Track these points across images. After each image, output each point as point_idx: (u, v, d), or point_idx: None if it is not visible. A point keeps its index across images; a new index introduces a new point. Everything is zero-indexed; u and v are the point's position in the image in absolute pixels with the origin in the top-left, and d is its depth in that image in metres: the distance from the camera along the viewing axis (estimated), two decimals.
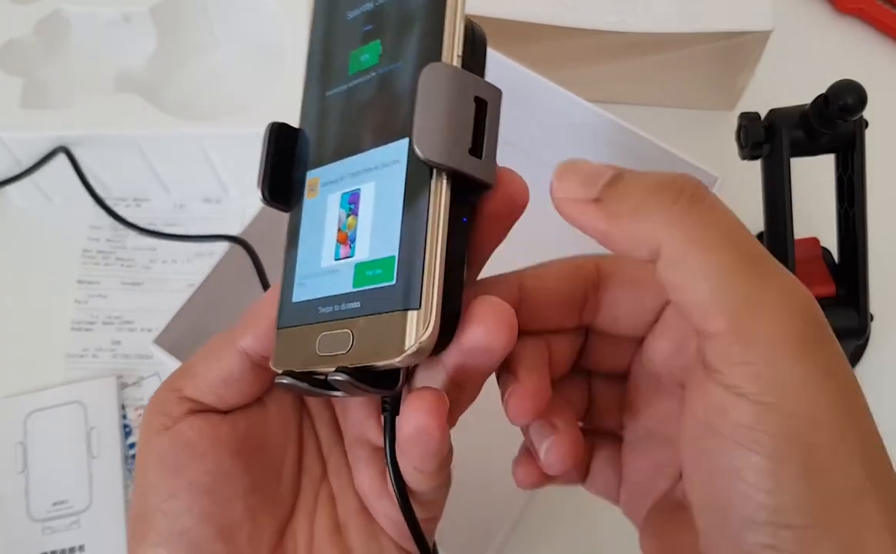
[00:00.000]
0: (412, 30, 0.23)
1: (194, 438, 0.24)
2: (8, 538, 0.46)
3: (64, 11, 0.55)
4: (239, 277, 0.47)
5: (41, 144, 0.51)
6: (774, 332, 0.19)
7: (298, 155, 0.26)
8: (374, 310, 0.22)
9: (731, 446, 0.19)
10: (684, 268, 0.20)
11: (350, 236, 0.23)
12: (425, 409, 0.22)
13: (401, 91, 0.23)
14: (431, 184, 0.21)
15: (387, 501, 0.26)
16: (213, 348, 0.26)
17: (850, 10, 0.61)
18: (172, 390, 0.25)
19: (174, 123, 0.50)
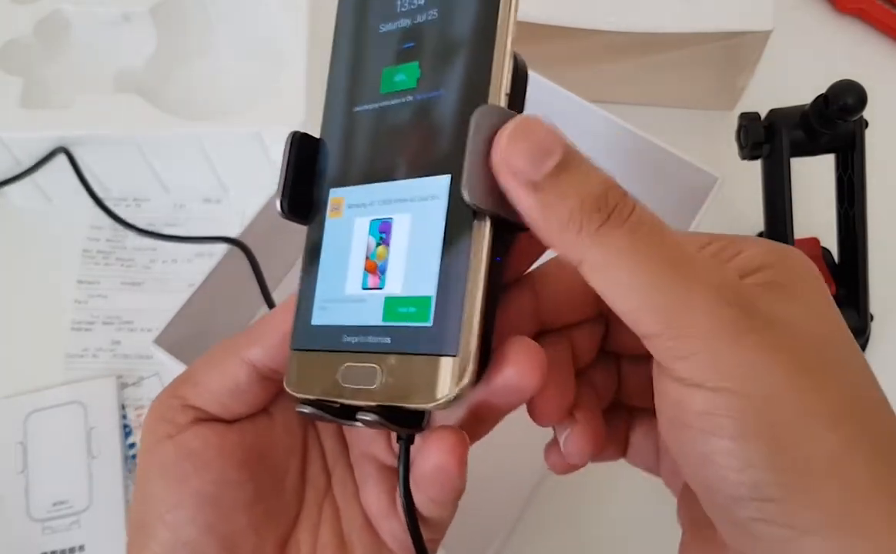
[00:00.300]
0: (456, 57, 0.22)
1: (200, 447, 0.24)
2: (8, 538, 0.46)
3: (64, 11, 0.55)
4: (239, 278, 0.47)
5: (41, 144, 0.51)
6: (707, 324, 0.20)
7: (319, 169, 0.25)
8: (406, 349, 0.21)
9: (698, 435, 0.20)
10: (607, 283, 0.20)
11: (380, 267, 0.22)
12: (446, 449, 0.22)
13: (443, 122, 0.22)
14: (474, 226, 0.21)
15: (394, 521, 0.26)
16: (218, 357, 0.25)
17: (850, 10, 0.61)
18: (175, 397, 0.25)
19: (174, 123, 0.50)
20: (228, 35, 0.59)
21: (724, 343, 0.20)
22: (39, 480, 0.48)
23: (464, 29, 0.22)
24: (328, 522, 0.27)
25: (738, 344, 0.20)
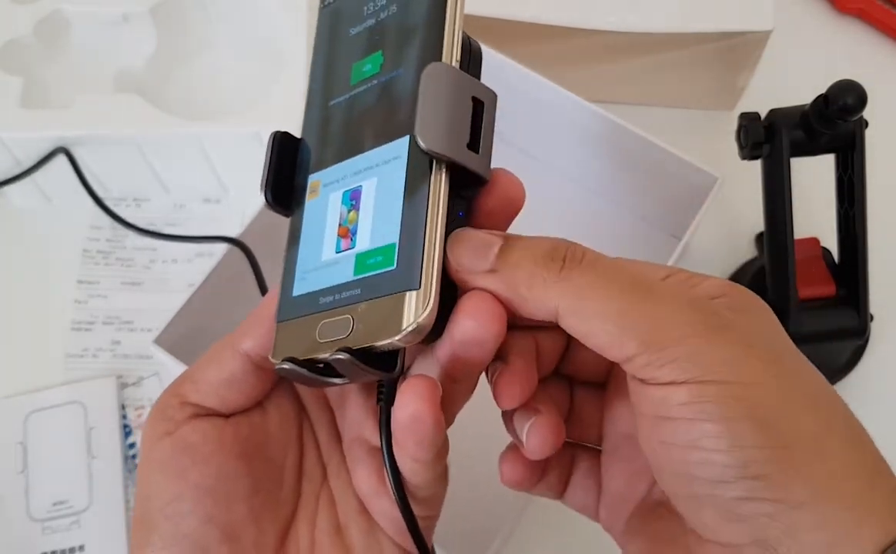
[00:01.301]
0: (413, 41, 0.25)
1: (198, 440, 0.25)
2: (8, 538, 0.46)
3: (64, 11, 0.55)
4: (239, 278, 0.47)
5: (41, 144, 0.51)
6: (679, 332, 0.21)
7: (300, 163, 0.27)
8: (374, 294, 0.23)
9: (682, 425, 0.21)
10: (584, 319, 0.22)
11: (351, 230, 0.24)
12: (419, 395, 0.22)
13: (402, 94, 0.24)
14: (431, 175, 0.23)
15: (385, 499, 0.26)
16: (214, 353, 0.26)
17: (850, 10, 0.61)
18: (174, 396, 0.26)
19: (174, 123, 0.50)
20: (228, 35, 0.59)
21: (702, 341, 0.21)
22: (39, 480, 0.48)
23: (418, 16, 0.25)
24: (325, 511, 0.27)
25: (713, 342, 0.21)
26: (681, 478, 0.22)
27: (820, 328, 0.45)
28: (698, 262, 0.53)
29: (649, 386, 0.22)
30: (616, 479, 0.28)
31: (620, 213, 0.54)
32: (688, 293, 0.23)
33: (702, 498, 0.22)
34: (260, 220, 0.47)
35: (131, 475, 0.48)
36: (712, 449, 0.21)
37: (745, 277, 0.51)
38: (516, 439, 0.26)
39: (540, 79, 0.49)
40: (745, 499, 0.20)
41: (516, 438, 0.26)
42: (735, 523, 0.21)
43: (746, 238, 0.54)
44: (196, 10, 0.57)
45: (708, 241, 0.53)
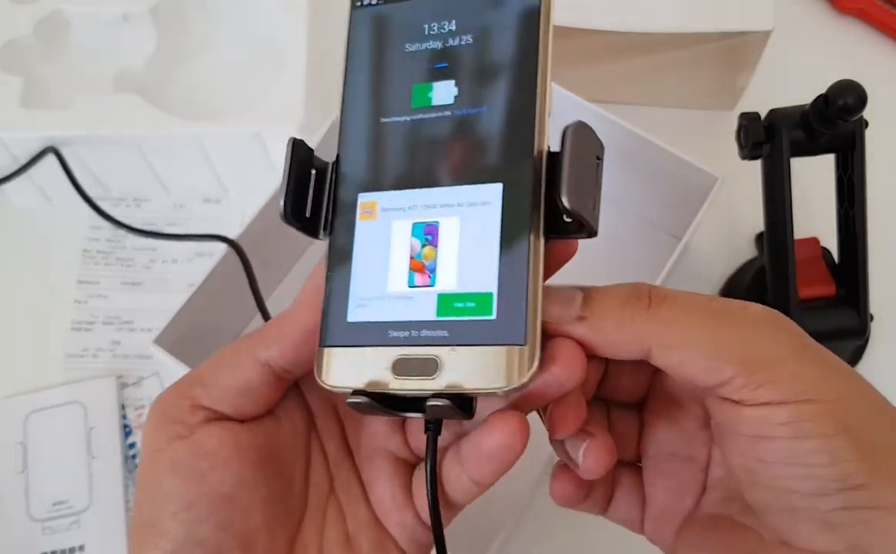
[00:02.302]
0: (498, 80, 0.25)
1: (215, 446, 0.24)
2: (8, 538, 0.46)
3: (64, 11, 0.55)
4: (239, 278, 0.47)
5: (40, 144, 0.51)
6: (772, 354, 0.23)
7: (337, 177, 0.26)
8: (468, 341, 0.23)
9: (783, 443, 0.23)
10: (676, 350, 0.23)
11: (428, 266, 0.24)
12: (512, 430, 0.24)
13: (489, 135, 0.24)
14: (532, 231, 0.23)
15: (407, 511, 0.27)
16: (229, 358, 0.26)
17: (849, 10, 0.61)
18: (185, 398, 0.25)
19: (173, 123, 0.50)
20: (228, 35, 0.59)
21: (794, 362, 0.23)
22: (39, 481, 0.48)
23: (504, 53, 0.25)
24: (333, 523, 0.27)
25: (803, 362, 0.23)
26: (779, 492, 0.24)
27: (820, 328, 0.45)
28: (698, 262, 0.53)
29: (745, 407, 0.23)
30: (661, 494, 0.29)
31: (621, 213, 0.54)
32: (769, 318, 0.24)
33: (800, 511, 0.23)
34: (259, 221, 0.47)
35: (131, 475, 0.48)
36: (814, 464, 0.22)
37: (745, 277, 0.51)
38: (569, 461, 0.27)
39: None
40: (843, 509, 0.22)
41: (569, 460, 0.27)
42: (832, 532, 0.23)
43: (746, 238, 0.54)
44: (196, 10, 0.57)
45: (708, 242, 0.53)
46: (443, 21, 0.26)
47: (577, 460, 0.26)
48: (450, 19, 0.26)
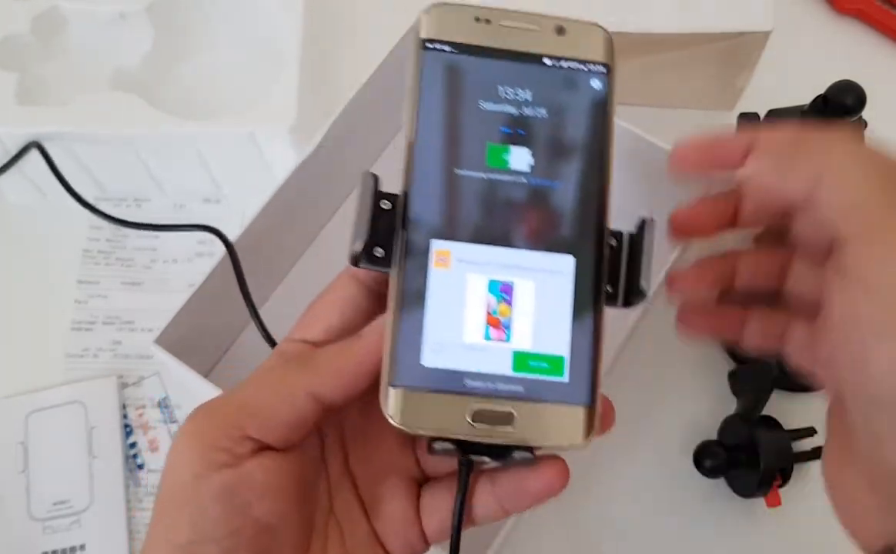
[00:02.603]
0: (572, 159, 0.28)
1: (262, 478, 0.25)
2: (8, 538, 0.46)
3: (61, 8, 0.55)
4: None
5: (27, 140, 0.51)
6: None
7: (404, 216, 0.27)
8: (541, 397, 0.26)
9: (866, 335, 0.24)
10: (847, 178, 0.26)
11: (504, 323, 0.26)
12: (558, 476, 0.26)
13: (562, 209, 0.27)
14: (599, 300, 0.27)
15: (415, 529, 0.28)
16: (279, 389, 0.26)
17: (849, 11, 0.61)
18: (233, 427, 0.25)
19: (166, 122, 0.50)
20: (226, 34, 0.59)
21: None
22: (40, 480, 0.48)
23: (577, 133, 0.28)
24: (334, 542, 0.28)
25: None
26: (855, 384, 0.25)
27: None
28: None
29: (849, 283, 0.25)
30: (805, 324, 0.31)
31: (620, 214, 0.54)
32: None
33: (866, 406, 0.25)
34: (259, 222, 0.47)
35: (132, 475, 0.48)
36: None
37: None
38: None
39: None
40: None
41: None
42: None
43: (747, 238, 0.54)
44: (193, 9, 0.57)
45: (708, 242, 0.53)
46: (518, 88, 0.27)
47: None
48: (525, 88, 0.28)
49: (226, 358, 0.50)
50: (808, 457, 0.47)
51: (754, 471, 0.44)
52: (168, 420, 0.50)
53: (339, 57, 0.60)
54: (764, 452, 0.44)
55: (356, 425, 0.29)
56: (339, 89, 0.49)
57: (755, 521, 0.47)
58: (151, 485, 0.48)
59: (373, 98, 0.50)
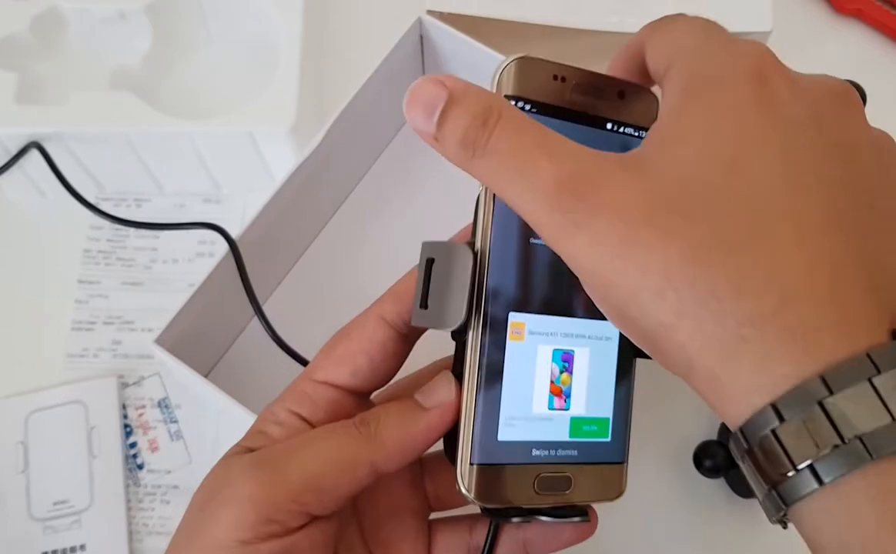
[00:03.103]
0: None
1: (308, 547, 0.25)
2: (8, 538, 0.46)
3: (60, 8, 0.55)
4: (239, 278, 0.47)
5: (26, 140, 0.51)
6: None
7: (486, 284, 0.26)
8: (591, 459, 0.27)
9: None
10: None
11: (565, 391, 0.27)
12: (589, 531, 0.28)
13: None
14: (633, 361, 0.28)
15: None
16: (347, 463, 0.25)
17: (849, 11, 0.61)
18: (296, 503, 0.24)
19: (163, 120, 0.50)
20: (225, 34, 0.59)
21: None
22: (40, 480, 0.48)
23: None
24: None
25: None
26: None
27: None
28: None
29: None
30: None
31: None
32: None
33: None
34: (259, 221, 0.47)
35: (132, 475, 0.48)
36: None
37: None
38: None
39: None
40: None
41: None
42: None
43: None
44: (193, 8, 0.57)
45: None
46: None
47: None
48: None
49: (226, 358, 0.50)
50: None
51: None
52: (168, 420, 0.50)
53: (339, 57, 0.60)
54: None
55: None
56: (339, 89, 0.49)
57: (755, 521, 0.47)
58: (151, 485, 0.48)
59: (373, 98, 0.50)
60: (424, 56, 0.55)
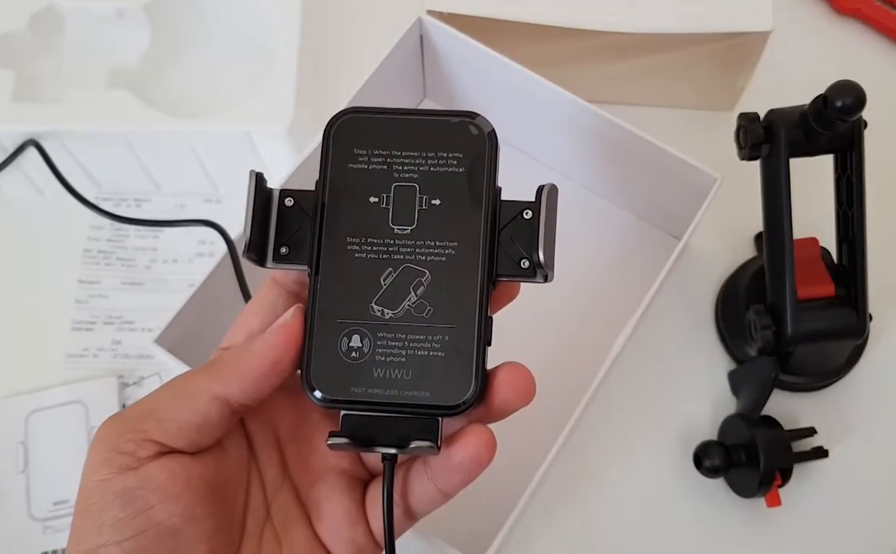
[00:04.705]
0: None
1: (166, 480, 0.25)
2: (9, 538, 0.46)
3: (58, 6, 0.55)
4: None
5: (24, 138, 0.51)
6: None
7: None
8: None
9: None
10: None
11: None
12: (484, 443, 0.26)
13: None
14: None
15: (360, 527, 0.28)
16: (183, 392, 0.26)
17: (848, 11, 0.62)
18: (135, 431, 0.25)
19: (161, 120, 0.50)
20: (222, 33, 0.59)
21: None
22: (40, 480, 0.48)
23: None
24: (270, 550, 0.28)
25: None
26: None
27: (819, 328, 0.45)
28: (698, 262, 0.53)
29: None
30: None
31: (620, 214, 0.55)
32: None
33: None
34: None
35: None
36: None
37: (745, 277, 0.51)
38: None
39: (540, 79, 0.49)
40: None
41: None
42: None
43: (746, 238, 0.54)
44: (191, 7, 0.57)
45: (707, 242, 0.54)
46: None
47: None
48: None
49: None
50: (808, 457, 0.47)
51: (754, 471, 0.44)
52: None
53: (339, 57, 0.60)
54: (764, 452, 0.44)
55: (290, 428, 0.29)
56: (339, 89, 0.49)
57: (755, 521, 0.47)
58: None
59: (373, 98, 0.50)
60: (424, 56, 0.55)
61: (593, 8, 0.52)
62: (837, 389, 0.50)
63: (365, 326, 0.27)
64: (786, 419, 0.48)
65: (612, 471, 0.48)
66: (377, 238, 0.28)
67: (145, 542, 0.24)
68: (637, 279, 0.49)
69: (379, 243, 0.28)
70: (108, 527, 0.24)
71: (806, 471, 0.47)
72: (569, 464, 0.48)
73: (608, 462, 0.48)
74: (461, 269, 0.27)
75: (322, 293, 0.27)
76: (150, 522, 0.24)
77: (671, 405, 0.50)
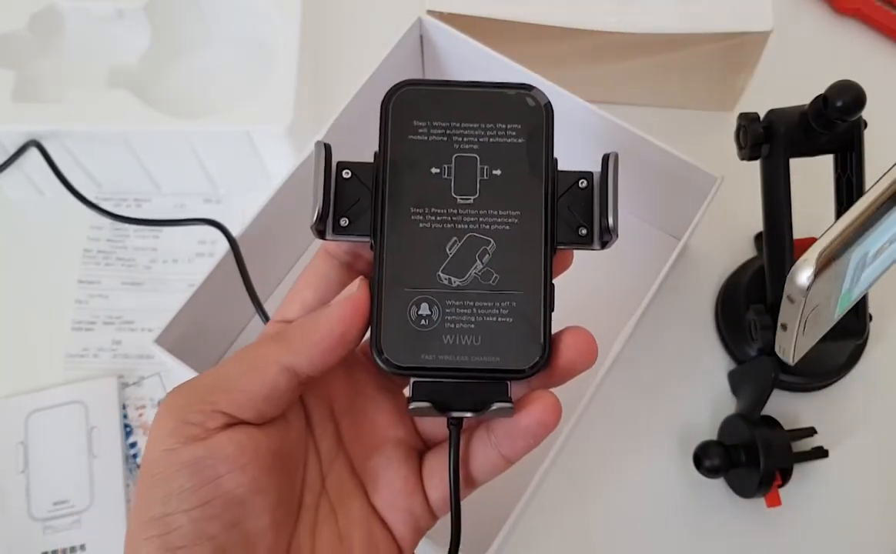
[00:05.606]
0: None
1: (234, 451, 0.25)
2: (9, 538, 0.46)
3: (58, 6, 0.55)
4: (239, 278, 0.47)
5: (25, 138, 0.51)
6: None
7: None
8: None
9: None
10: None
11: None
12: (550, 407, 0.27)
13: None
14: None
15: (417, 497, 0.28)
16: (252, 363, 0.26)
17: (848, 11, 0.62)
18: (204, 403, 0.25)
19: (161, 120, 0.50)
20: (222, 33, 0.59)
21: None
22: (40, 480, 0.48)
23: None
24: (326, 522, 0.28)
25: None
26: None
27: None
28: (698, 262, 0.53)
29: None
30: None
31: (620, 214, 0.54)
32: None
33: None
34: (259, 221, 0.47)
35: (132, 474, 0.48)
36: None
37: (744, 277, 0.51)
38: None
39: (540, 79, 0.49)
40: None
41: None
42: None
43: (746, 238, 0.54)
44: (191, 7, 0.57)
45: (707, 242, 0.54)
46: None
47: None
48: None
49: (226, 358, 0.50)
50: (808, 457, 0.47)
51: (754, 471, 0.44)
52: None
53: (339, 57, 0.61)
54: (764, 452, 0.44)
55: (345, 400, 0.29)
56: (339, 89, 0.49)
57: (755, 521, 0.47)
58: None
59: (373, 98, 0.50)
60: (424, 56, 0.55)
61: (593, 8, 0.52)
62: (837, 389, 0.50)
63: (433, 294, 0.27)
64: (786, 419, 0.48)
65: (612, 471, 0.48)
66: (440, 208, 0.28)
67: (212, 511, 0.24)
68: (637, 279, 0.48)
69: (443, 213, 0.28)
70: (175, 496, 0.24)
71: (806, 471, 0.47)
72: (569, 464, 0.48)
73: (608, 462, 0.48)
74: (525, 238, 0.28)
75: (388, 263, 0.27)
76: (219, 492, 0.24)
77: (671, 405, 0.50)
